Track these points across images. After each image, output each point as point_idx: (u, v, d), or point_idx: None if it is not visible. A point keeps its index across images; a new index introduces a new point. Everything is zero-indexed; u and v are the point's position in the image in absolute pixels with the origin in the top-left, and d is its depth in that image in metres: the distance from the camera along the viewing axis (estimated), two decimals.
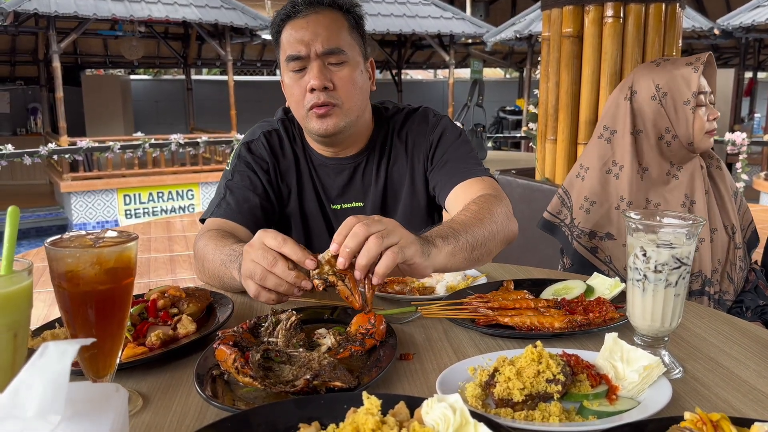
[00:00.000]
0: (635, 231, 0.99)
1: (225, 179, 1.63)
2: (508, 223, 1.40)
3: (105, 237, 0.85)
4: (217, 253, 1.34)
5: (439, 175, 1.59)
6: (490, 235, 1.30)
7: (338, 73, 1.49)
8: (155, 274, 4.71)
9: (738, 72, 13.01)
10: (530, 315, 1.13)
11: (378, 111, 1.69)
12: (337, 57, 1.48)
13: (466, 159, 1.59)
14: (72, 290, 0.81)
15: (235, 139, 10.86)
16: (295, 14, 1.49)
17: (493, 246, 1.32)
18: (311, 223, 1.67)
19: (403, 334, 1.13)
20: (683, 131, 1.78)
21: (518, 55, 15.41)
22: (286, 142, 1.66)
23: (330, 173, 1.65)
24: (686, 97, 1.76)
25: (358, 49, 1.54)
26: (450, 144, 1.62)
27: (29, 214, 10.40)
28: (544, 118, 2.99)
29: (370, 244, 1.01)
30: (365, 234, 1.02)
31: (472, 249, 1.24)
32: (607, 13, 2.67)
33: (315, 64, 1.47)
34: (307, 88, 1.48)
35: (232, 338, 0.97)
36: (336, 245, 1.03)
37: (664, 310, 0.98)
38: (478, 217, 1.31)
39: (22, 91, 14.06)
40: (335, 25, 1.49)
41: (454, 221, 1.29)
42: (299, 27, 1.48)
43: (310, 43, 1.46)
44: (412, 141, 1.65)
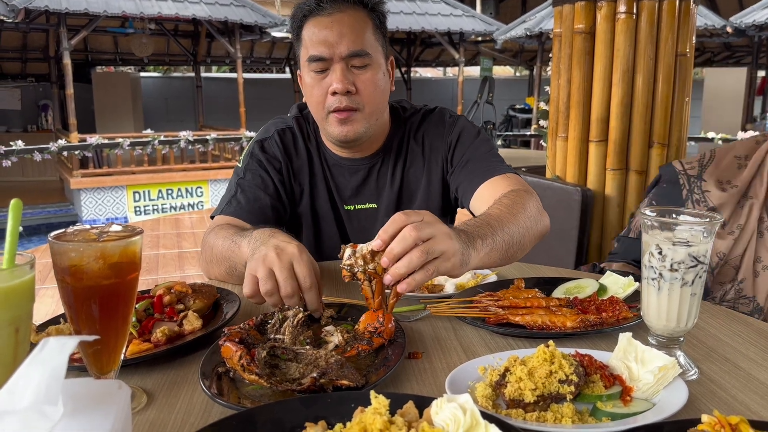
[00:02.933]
0: (651, 228, 0.97)
1: (236, 177, 1.61)
2: (541, 218, 1.38)
3: (109, 231, 0.84)
4: (227, 239, 1.33)
5: (461, 176, 1.56)
6: (525, 231, 1.28)
7: (361, 76, 1.45)
8: (163, 271, 4.72)
9: (750, 71, 12.88)
10: (541, 314, 1.11)
11: (395, 111, 1.66)
12: (361, 60, 1.45)
13: (488, 157, 1.56)
14: (76, 285, 0.80)
15: (244, 137, 10.87)
16: (320, 11, 1.44)
17: (527, 242, 1.30)
18: (322, 222, 1.65)
19: (411, 332, 1.11)
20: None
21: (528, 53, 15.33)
22: (300, 140, 1.63)
23: (344, 173, 1.63)
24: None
25: (381, 50, 1.51)
26: (469, 143, 1.59)
27: (39, 210, 10.45)
28: (555, 115, 2.96)
29: (414, 255, 0.97)
30: (415, 240, 0.98)
31: (508, 248, 1.22)
32: (619, 9, 2.63)
33: (338, 66, 1.43)
34: (329, 91, 1.44)
35: (238, 335, 0.95)
36: (380, 242, 0.99)
37: (680, 309, 0.96)
38: (513, 212, 1.29)
39: (33, 88, 14.13)
40: (360, 26, 1.45)
41: (491, 217, 1.25)
42: (323, 26, 1.43)
43: (334, 44, 1.42)
44: (429, 143, 1.62)
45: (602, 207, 2.85)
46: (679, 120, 2.75)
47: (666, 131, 2.74)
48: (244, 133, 11.02)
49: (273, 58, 15.13)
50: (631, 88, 2.69)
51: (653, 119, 2.73)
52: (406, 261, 0.98)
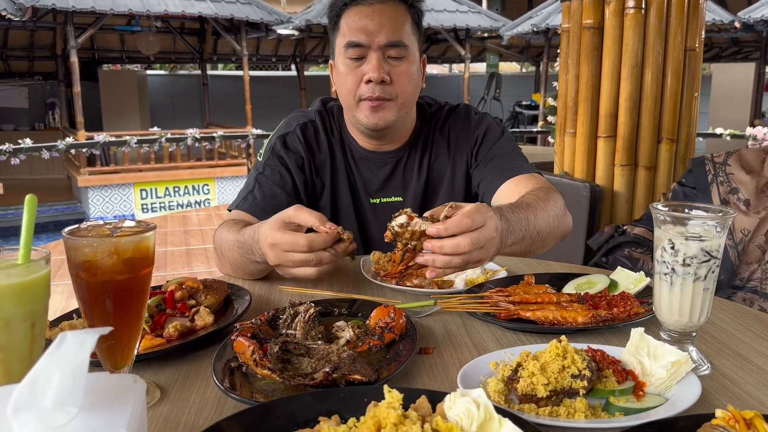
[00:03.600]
0: (663, 223, 0.96)
1: (256, 171, 1.61)
2: (564, 217, 1.40)
3: (123, 227, 0.84)
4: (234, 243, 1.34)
5: (484, 172, 1.57)
6: (551, 229, 1.32)
7: (397, 68, 1.47)
8: (171, 267, 4.73)
9: (759, 66, 12.78)
10: (552, 309, 1.11)
11: (420, 106, 1.67)
12: (398, 51, 1.46)
13: (513, 156, 1.58)
14: (90, 280, 0.81)
15: (250, 134, 10.88)
16: (361, 0, 1.46)
17: (550, 240, 1.34)
18: (342, 217, 1.65)
19: (422, 328, 1.11)
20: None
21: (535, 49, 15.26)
22: (323, 134, 1.63)
23: (371, 167, 1.63)
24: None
25: (416, 45, 1.53)
26: (495, 141, 1.61)
27: (47, 208, 10.50)
28: (563, 111, 2.95)
29: (455, 261, 1.04)
30: (466, 251, 1.03)
31: (532, 242, 1.27)
32: (628, 4, 2.62)
33: (375, 55, 1.45)
34: (364, 79, 1.46)
35: (250, 330, 0.96)
36: (436, 233, 1.04)
37: (692, 304, 0.95)
38: (546, 208, 1.32)
39: (41, 86, 14.18)
40: (400, 18, 1.47)
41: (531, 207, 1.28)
42: (364, 15, 1.45)
43: (373, 32, 1.44)
44: (455, 138, 1.64)
45: (611, 203, 2.84)
46: (688, 115, 2.74)
47: (675, 127, 2.73)
48: (251, 130, 11.03)
49: (279, 55, 15.12)
50: (639, 83, 2.68)
51: (662, 115, 2.72)
52: (446, 260, 1.05)
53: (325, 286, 1.36)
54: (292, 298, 1.27)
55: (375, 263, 1.42)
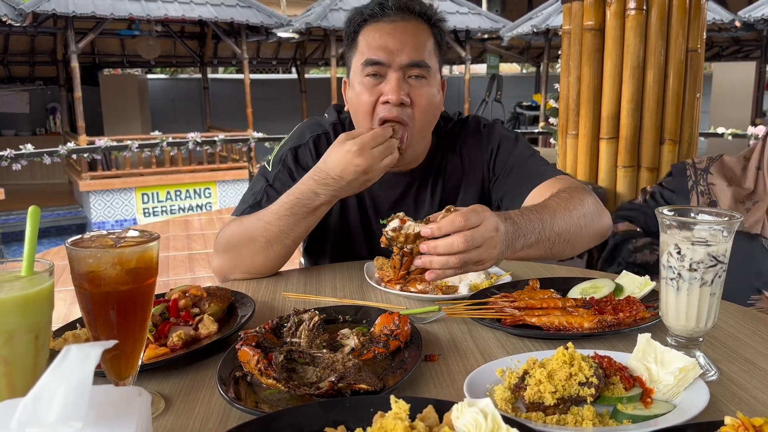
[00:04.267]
0: (669, 228, 0.96)
1: (265, 180, 1.54)
2: (600, 216, 1.35)
3: (126, 237, 0.84)
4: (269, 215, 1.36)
5: (506, 184, 1.51)
6: (578, 229, 1.28)
7: (417, 90, 1.39)
8: (174, 272, 4.73)
9: (759, 65, 12.77)
10: (558, 315, 1.10)
11: (437, 124, 1.58)
12: (420, 70, 1.38)
13: (533, 162, 1.52)
14: (93, 291, 0.80)
15: (251, 137, 10.88)
16: (382, 17, 1.39)
17: (577, 240, 1.29)
18: (352, 235, 1.60)
19: (427, 334, 1.11)
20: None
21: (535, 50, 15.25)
22: None
23: (383, 187, 1.54)
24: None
25: (437, 66, 1.45)
26: (511, 150, 1.55)
27: (49, 213, 10.50)
28: (565, 112, 2.94)
29: (452, 261, 1.03)
30: (460, 249, 1.02)
31: (553, 244, 1.23)
32: (629, 6, 2.62)
33: (395, 75, 1.37)
34: (381, 100, 1.38)
35: (254, 339, 0.95)
36: (429, 233, 1.04)
37: (699, 309, 0.95)
38: (568, 207, 1.28)
39: (41, 91, 14.20)
40: (422, 37, 1.40)
41: (546, 208, 1.25)
42: (385, 32, 1.37)
43: (394, 51, 1.36)
44: (468, 154, 1.58)
45: (614, 205, 2.84)
46: (690, 116, 2.73)
47: (677, 128, 2.72)
48: (252, 134, 11.03)
49: (279, 58, 15.13)
50: (641, 84, 2.68)
51: (664, 116, 2.71)
52: (442, 261, 1.03)
53: (329, 292, 1.36)
54: (296, 305, 1.27)
55: (378, 269, 1.42)
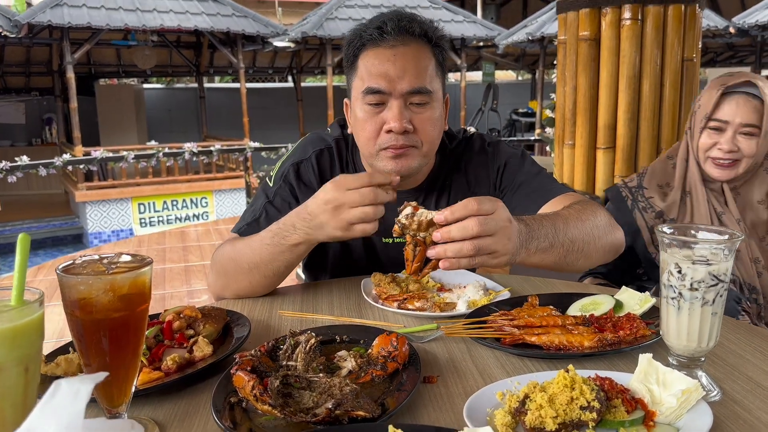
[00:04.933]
0: (669, 246, 0.95)
1: (265, 196, 1.52)
2: (612, 229, 1.34)
3: (119, 262, 0.83)
4: (256, 242, 1.33)
5: (514, 201, 1.49)
6: (591, 240, 1.27)
7: (420, 115, 1.37)
8: (170, 285, 4.70)
9: (754, 70, 12.83)
10: (558, 333, 1.09)
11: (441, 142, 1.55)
12: (422, 97, 1.36)
13: (542, 179, 1.51)
14: (85, 318, 0.79)
15: (248, 147, 10.87)
16: (381, 41, 1.35)
17: (591, 250, 1.28)
18: (352, 252, 1.58)
19: (425, 353, 1.09)
20: (693, 147, 1.86)
21: (530, 57, 15.30)
22: (338, 165, 1.55)
23: (387, 205, 1.54)
24: (702, 116, 1.82)
25: (440, 87, 1.43)
26: (518, 167, 1.53)
27: (45, 224, 10.47)
28: (562, 122, 2.94)
29: (467, 247, 1.03)
30: (475, 233, 1.02)
31: (567, 252, 1.22)
32: (624, 16, 2.62)
33: (396, 103, 1.34)
34: (384, 129, 1.36)
35: (249, 363, 0.93)
36: (443, 219, 1.04)
37: (701, 329, 0.93)
38: (581, 218, 1.28)
39: (37, 102, 14.18)
40: (423, 62, 1.36)
41: (560, 217, 1.25)
42: (385, 58, 1.34)
43: (395, 79, 1.33)
44: (473, 173, 1.56)
45: None
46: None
47: (674, 137, 2.72)
48: (248, 143, 11.02)
49: (275, 67, 15.15)
50: (638, 94, 2.68)
51: (661, 125, 2.71)
52: (457, 248, 1.03)
53: (325, 310, 1.34)
54: (292, 324, 1.26)
55: (376, 285, 1.40)
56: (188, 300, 4.33)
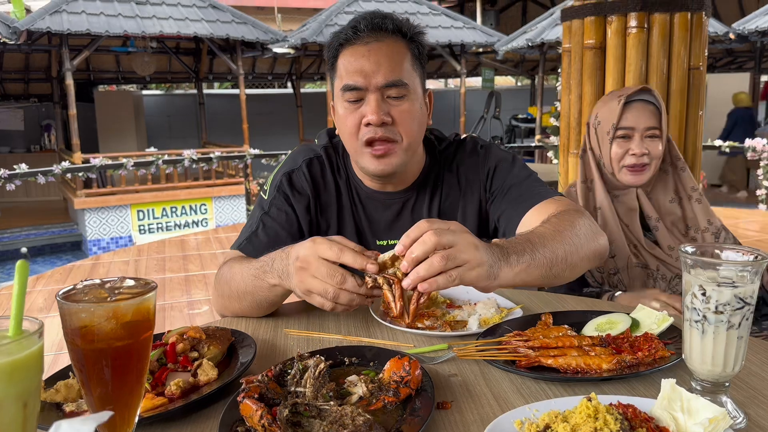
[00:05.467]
0: (692, 268, 0.91)
1: (261, 209, 1.54)
2: (594, 236, 1.32)
3: (122, 287, 0.79)
4: (245, 268, 1.30)
5: (503, 205, 1.50)
6: (573, 249, 1.24)
7: (398, 107, 1.40)
8: (170, 296, 4.65)
9: (753, 76, 12.83)
10: (575, 355, 1.05)
11: (429, 142, 1.60)
12: (398, 90, 1.39)
13: (530, 183, 1.51)
14: (86, 347, 0.75)
15: (248, 153, 10.84)
16: (357, 40, 1.39)
17: (576, 260, 1.25)
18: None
19: (437, 376, 1.06)
20: (606, 161, 1.94)
21: (530, 63, 15.31)
22: (329, 172, 1.57)
23: (378, 207, 1.56)
24: (608, 128, 1.91)
25: (418, 81, 1.45)
26: (508, 171, 1.54)
27: (43, 231, 10.42)
28: (567, 131, 2.91)
29: (435, 260, 1.00)
30: (434, 245, 1.00)
31: (551, 265, 1.18)
32: (630, 24, 2.59)
33: (373, 97, 1.38)
34: (363, 122, 1.39)
35: (257, 390, 0.90)
36: (402, 247, 1.02)
37: (726, 353, 0.90)
38: (559, 229, 1.25)
39: (36, 108, 14.15)
40: (398, 56, 1.40)
41: (533, 234, 1.22)
42: (360, 55, 1.38)
43: (370, 74, 1.37)
44: (465, 175, 1.57)
45: None
46: (693, 134, 2.70)
47: (681, 145, 2.69)
48: (248, 150, 10.99)
49: (275, 73, 15.14)
50: None
51: None
52: (426, 265, 1.00)
53: (332, 328, 1.30)
54: (298, 343, 1.22)
55: (383, 302, 1.37)
56: (189, 311, 4.28)
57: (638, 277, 1.91)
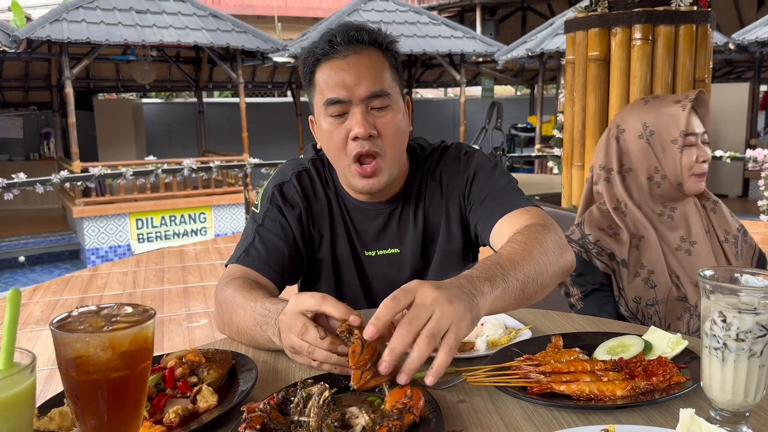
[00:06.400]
0: (711, 293, 0.88)
1: (254, 223, 1.53)
2: (562, 252, 1.28)
3: (119, 315, 0.76)
4: (249, 309, 1.25)
5: (479, 212, 1.49)
6: (542, 268, 1.19)
7: (382, 119, 1.39)
8: (168, 308, 4.60)
9: (753, 86, 12.85)
10: (587, 381, 1.02)
11: (412, 151, 1.59)
12: (381, 100, 1.38)
13: (506, 191, 1.49)
14: (81, 379, 0.71)
15: (247, 162, 10.82)
16: (334, 53, 1.38)
17: (546, 279, 1.21)
18: (343, 270, 1.58)
19: (445, 402, 1.02)
20: (671, 171, 1.78)
21: (529, 72, 15.34)
22: (318, 183, 1.57)
23: (364, 218, 1.56)
24: (674, 136, 1.75)
25: (398, 90, 1.45)
26: (486, 178, 1.52)
27: (41, 240, 10.38)
28: (570, 143, 2.89)
29: (423, 345, 0.93)
30: (414, 334, 0.93)
31: (523, 288, 1.14)
32: (635, 36, 2.58)
33: (358, 109, 1.37)
34: (350, 136, 1.38)
35: (259, 420, 0.86)
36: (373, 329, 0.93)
37: (747, 383, 0.87)
38: (527, 248, 1.20)
39: (35, 116, 14.14)
40: (377, 66, 1.39)
41: (501, 256, 1.17)
42: (339, 68, 1.37)
43: (352, 86, 1.36)
44: (447, 181, 1.56)
45: None
46: None
47: None
48: (248, 159, 10.97)
49: (275, 82, 15.14)
50: None
51: None
52: (417, 354, 0.93)
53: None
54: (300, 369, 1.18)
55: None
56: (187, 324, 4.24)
57: (675, 310, 1.80)
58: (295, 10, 18.55)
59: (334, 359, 1.01)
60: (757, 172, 8.48)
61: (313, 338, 1.00)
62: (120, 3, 10.25)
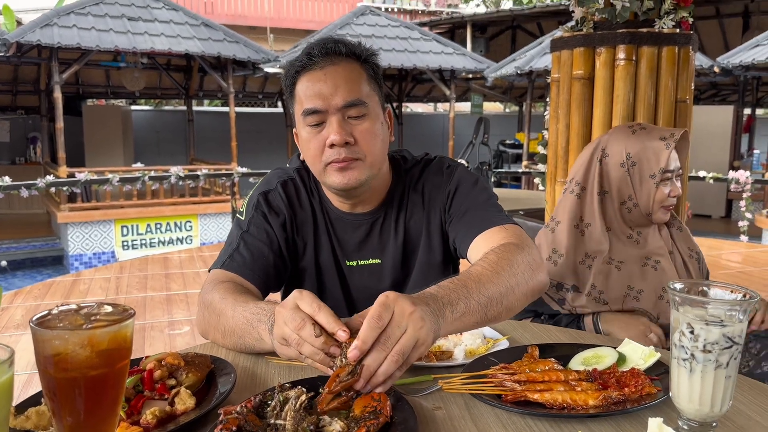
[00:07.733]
0: (680, 305, 0.90)
1: (239, 229, 1.54)
2: (532, 274, 1.28)
3: (98, 314, 0.77)
4: (239, 309, 1.26)
5: (458, 227, 1.51)
6: (508, 290, 1.20)
7: (359, 127, 1.42)
8: (150, 315, 4.58)
9: (737, 109, 13.07)
10: (561, 390, 1.04)
11: (396, 162, 1.61)
12: (358, 109, 1.41)
13: (486, 207, 1.51)
14: (59, 376, 0.72)
15: (235, 172, 10.81)
16: (312, 65, 1.42)
17: (513, 300, 1.22)
18: (325, 278, 1.59)
19: (421, 409, 1.03)
20: (644, 202, 1.87)
21: (518, 90, 15.49)
22: (303, 192, 1.59)
23: (347, 228, 1.57)
24: (653, 171, 1.83)
25: (377, 100, 1.48)
26: (467, 193, 1.54)
27: (24, 245, 10.28)
28: (554, 159, 2.93)
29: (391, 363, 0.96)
30: (386, 353, 0.96)
31: (486, 308, 1.15)
32: (619, 56, 2.63)
33: (334, 118, 1.39)
34: (327, 143, 1.40)
35: (235, 422, 0.87)
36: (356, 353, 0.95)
37: (714, 393, 0.89)
38: (495, 270, 1.21)
39: (23, 121, 14.06)
40: (354, 77, 1.42)
41: (469, 277, 1.19)
42: (317, 79, 1.40)
43: (329, 96, 1.39)
44: (428, 194, 1.58)
45: None
46: None
47: None
48: (236, 168, 10.96)
49: (265, 92, 15.17)
50: None
51: None
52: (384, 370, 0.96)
53: None
54: (280, 373, 1.19)
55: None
56: (169, 331, 4.22)
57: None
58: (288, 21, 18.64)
59: (319, 357, 1.02)
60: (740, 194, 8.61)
61: (308, 335, 1.01)
62: (112, 9, 10.25)
